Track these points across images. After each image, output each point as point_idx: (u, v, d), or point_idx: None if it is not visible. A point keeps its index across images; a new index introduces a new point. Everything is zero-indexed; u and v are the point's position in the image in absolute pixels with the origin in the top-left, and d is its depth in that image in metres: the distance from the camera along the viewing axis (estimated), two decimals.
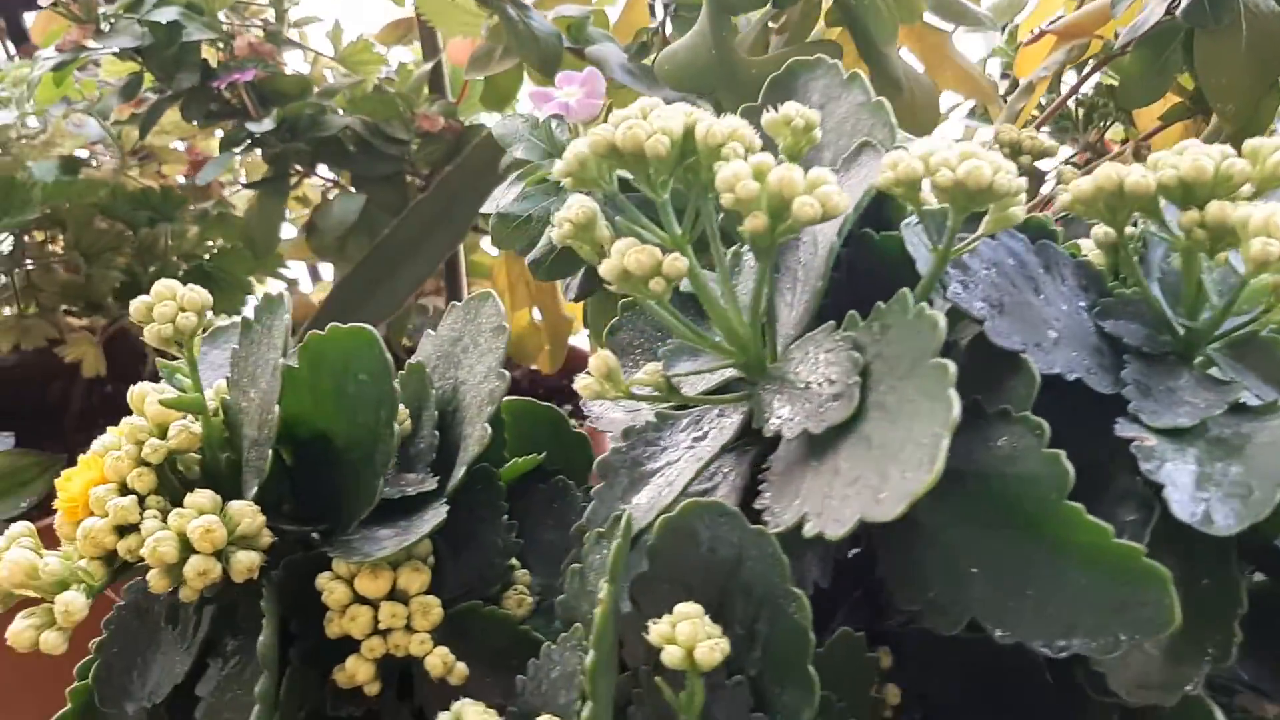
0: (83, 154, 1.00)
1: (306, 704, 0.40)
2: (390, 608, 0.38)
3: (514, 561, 0.45)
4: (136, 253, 0.96)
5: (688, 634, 0.31)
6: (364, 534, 0.40)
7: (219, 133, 1.11)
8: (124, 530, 0.38)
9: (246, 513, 0.38)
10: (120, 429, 0.40)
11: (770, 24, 0.78)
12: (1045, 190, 0.68)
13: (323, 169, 1.01)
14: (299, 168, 0.91)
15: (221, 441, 0.41)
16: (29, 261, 0.99)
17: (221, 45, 0.88)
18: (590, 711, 0.33)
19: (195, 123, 0.98)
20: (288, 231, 1.11)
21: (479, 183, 0.90)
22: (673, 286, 0.35)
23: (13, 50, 1.23)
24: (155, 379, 0.41)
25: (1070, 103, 0.90)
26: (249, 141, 0.87)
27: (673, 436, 0.40)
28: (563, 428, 0.52)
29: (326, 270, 1.27)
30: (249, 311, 0.41)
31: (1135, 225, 0.38)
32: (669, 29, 0.81)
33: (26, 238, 1.00)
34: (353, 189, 0.91)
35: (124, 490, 0.39)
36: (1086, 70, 0.85)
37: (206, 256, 0.98)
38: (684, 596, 0.35)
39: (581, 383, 0.37)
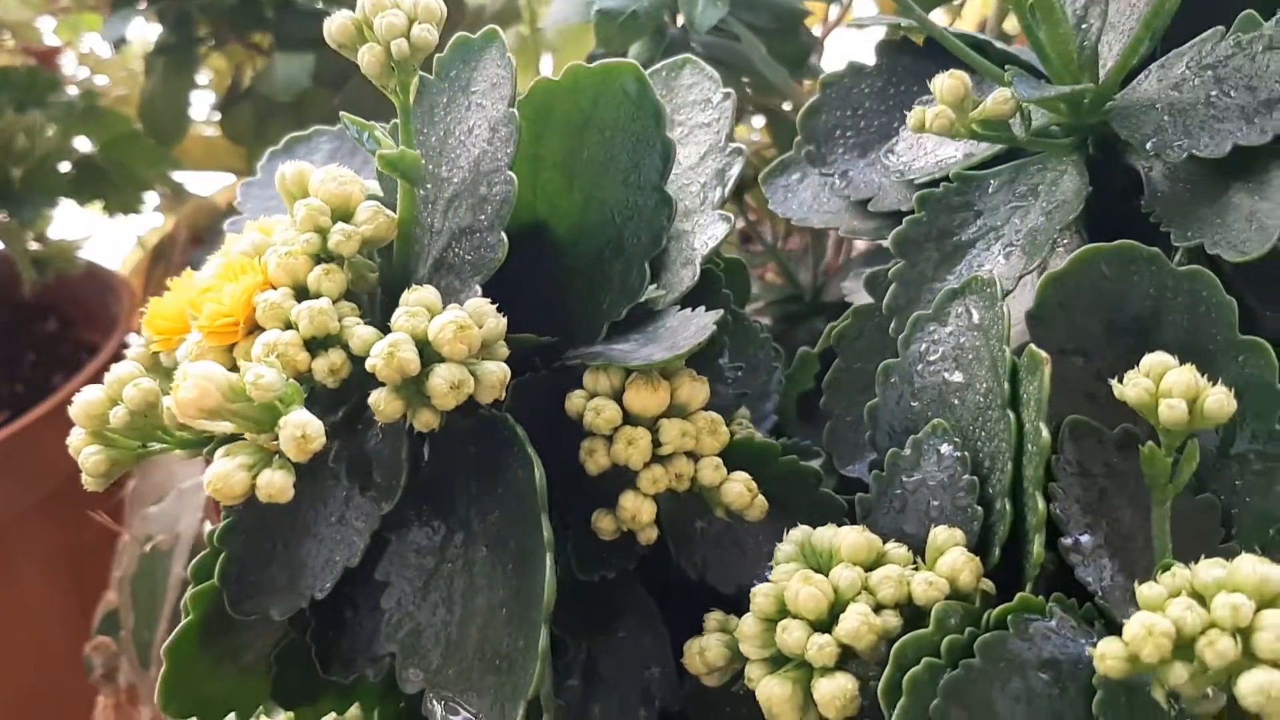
0: None
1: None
2: (677, 425, 0.30)
3: None
4: None
5: (1186, 383, 0.24)
6: (611, 347, 0.31)
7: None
8: (312, 346, 0.28)
9: (487, 311, 0.28)
10: (273, 222, 0.30)
11: None
12: None
13: None
14: (203, 35, 0.76)
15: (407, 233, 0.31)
16: None
17: None
18: (1041, 505, 0.26)
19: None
20: None
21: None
22: None
23: None
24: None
25: None
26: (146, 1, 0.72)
27: (985, 200, 0.32)
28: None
29: None
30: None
31: None
32: None
33: None
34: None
35: (301, 295, 0.28)
36: None
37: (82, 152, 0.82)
38: (1079, 365, 0.29)
39: (930, 114, 0.29)
